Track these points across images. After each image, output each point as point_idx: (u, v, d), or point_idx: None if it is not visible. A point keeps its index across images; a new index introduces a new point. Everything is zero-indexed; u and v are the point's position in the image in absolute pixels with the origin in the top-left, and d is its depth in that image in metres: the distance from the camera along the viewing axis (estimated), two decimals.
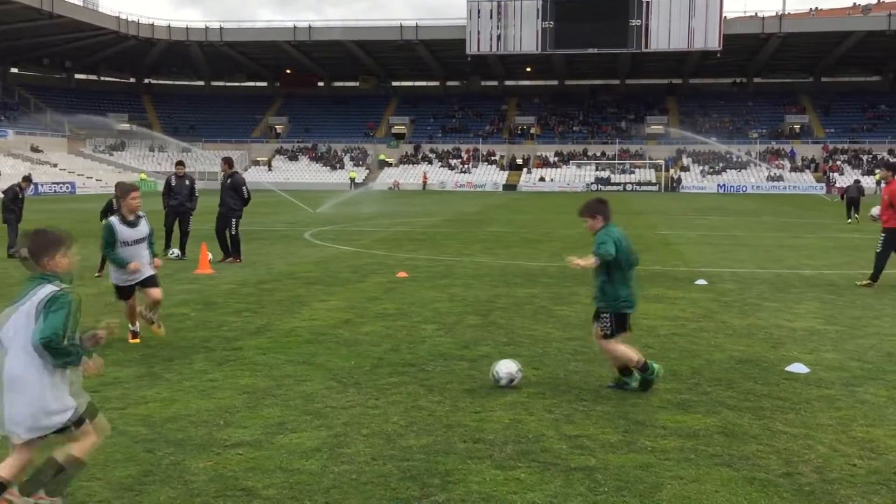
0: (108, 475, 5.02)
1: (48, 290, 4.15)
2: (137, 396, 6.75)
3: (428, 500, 4.68)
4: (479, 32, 78.23)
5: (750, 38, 77.72)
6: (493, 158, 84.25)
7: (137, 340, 8.79)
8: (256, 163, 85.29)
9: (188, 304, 11.26)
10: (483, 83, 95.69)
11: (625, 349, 6.89)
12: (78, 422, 4.29)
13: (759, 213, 38.12)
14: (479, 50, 79.15)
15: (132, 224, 8.49)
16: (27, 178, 19.08)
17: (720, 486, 4.91)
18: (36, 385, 4.12)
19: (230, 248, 16.69)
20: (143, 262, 8.62)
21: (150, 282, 8.76)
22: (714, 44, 75.43)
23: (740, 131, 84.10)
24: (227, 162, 17.35)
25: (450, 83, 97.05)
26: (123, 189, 8.54)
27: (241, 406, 6.48)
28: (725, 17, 76.65)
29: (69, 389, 4.28)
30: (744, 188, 72.68)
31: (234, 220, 16.71)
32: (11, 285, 13.37)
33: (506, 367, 7.01)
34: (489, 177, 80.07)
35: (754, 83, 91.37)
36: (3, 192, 18.59)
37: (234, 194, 16.72)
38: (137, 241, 8.55)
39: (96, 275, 14.31)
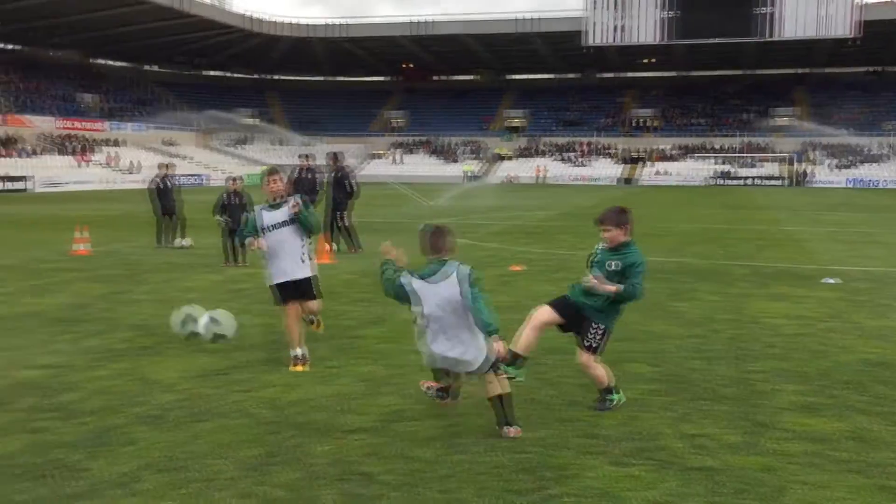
0: (235, 454, 5.25)
1: (461, 268, 5.66)
2: (263, 381, 7.03)
3: (542, 493, 4.68)
4: (596, 24, 76.99)
5: (888, 24, 73.36)
6: (609, 151, 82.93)
7: (300, 368, 7.46)
8: (374, 156, 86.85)
9: None
10: (600, 75, 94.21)
11: (604, 370, 6.31)
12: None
13: (894, 208, 36.06)
14: (596, 41, 77.90)
15: (274, 207, 7.61)
16: (164, 165, 19.21)
17: (849, 492, 4.70)
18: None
19: (349, 239, 17.17)
20: (287, 254, 7.57)
21: (306, 288, 7.73)
22: (848, 31, 71.62)
23: (875, 123, 79.63)
24: (334, 157, 17.90)
25: (566, 76, 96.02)
26: (263, 174, 7.79)
27: (361, 393, 6.65)
28: (864, 2, 72.59)
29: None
30: (877, 182, 68.77)
31: (339, 212, 17.15)
32: (146, 271, 14.15)
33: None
34: (605, 170, 78.81)
35: (892, 72, 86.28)
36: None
37: (340, 188, 17.23)
38: (276, 227, 7.53)
39: (223, 264, 14.97)
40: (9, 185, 50.58)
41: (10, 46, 76.91)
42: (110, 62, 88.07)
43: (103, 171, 62.70)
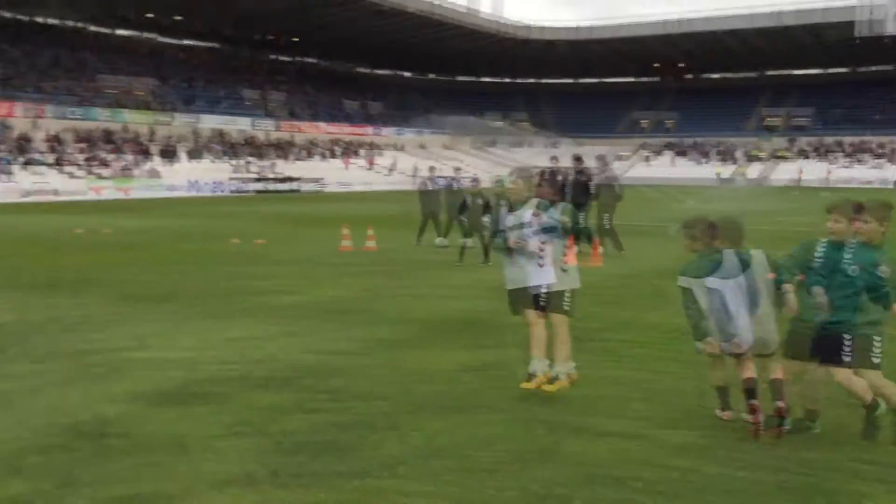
0: (489, 447, 5.44)
1: (755, 253, 5.83)
2: (518, 378, 7.18)
3: None
4: (872, 11, 70.39)
5: None
6: (883, 151, 75.63)
7: (527, 384, 6.77)
8: (622, 157, 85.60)
9: None
10: (874, 68, 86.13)
11: (864, 385, 5.54)
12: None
13: None
14: (872, 31, 71.22)
15: (514, 208, 7.14)
16: (432, 168, 21.96)
17: None
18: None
19: (586, 239, 17.20)
20: (520, 258, 6.97)
21: (543, 298, 6.90)
22: None
23: None
24: (576, 158, 18.11)
25: (832, 70, 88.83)
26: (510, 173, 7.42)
27: (611, 396, 6.63)
28: None
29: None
30: None
31: (580, 213, 17.18)
32: (407, 268, 14.99)
33: None
34: (878, 172, 71.87)
35: None
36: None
37: (580, 189, 17.28)
38: (515, 228, 6.96)
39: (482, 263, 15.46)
40: (283, 186, 55.58)
41: (282, 58, 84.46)
42: (374, 70, 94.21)
43: (367, 172, 67.08)
